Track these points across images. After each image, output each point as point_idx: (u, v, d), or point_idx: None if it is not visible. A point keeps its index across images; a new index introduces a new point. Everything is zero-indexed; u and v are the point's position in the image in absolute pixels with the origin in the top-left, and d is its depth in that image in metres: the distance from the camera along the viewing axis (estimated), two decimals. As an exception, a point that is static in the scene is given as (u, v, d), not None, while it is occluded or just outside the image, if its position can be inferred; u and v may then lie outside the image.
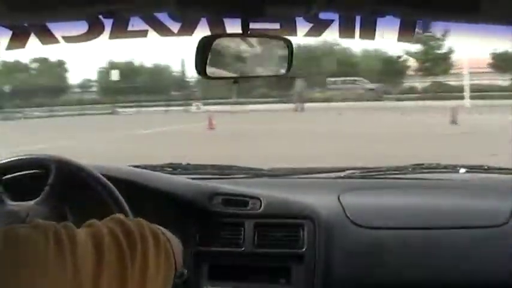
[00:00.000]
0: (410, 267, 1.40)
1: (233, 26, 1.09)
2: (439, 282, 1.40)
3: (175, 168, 1.68)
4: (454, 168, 1.74)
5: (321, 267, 1.36)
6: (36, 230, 0.57)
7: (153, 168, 1.59)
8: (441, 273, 1.39)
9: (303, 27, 1.19)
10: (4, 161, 1.24)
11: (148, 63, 25.36)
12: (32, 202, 1.16)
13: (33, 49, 1.18)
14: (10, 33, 1.15)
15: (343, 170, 1.76)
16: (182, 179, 1.48)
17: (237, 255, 1.37)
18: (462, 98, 17.24)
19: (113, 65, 22.81)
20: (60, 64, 23.44)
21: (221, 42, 1.05)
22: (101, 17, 1.09)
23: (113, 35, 1.15)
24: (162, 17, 1.14)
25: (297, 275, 1.36)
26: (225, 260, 1.38)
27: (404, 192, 1.60)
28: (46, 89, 22.18)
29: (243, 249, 1.37)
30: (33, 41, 1.16)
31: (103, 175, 1.20)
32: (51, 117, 18.68)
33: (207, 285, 1.36)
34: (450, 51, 20.19)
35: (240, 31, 1.04)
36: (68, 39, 1.17)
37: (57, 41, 1.17)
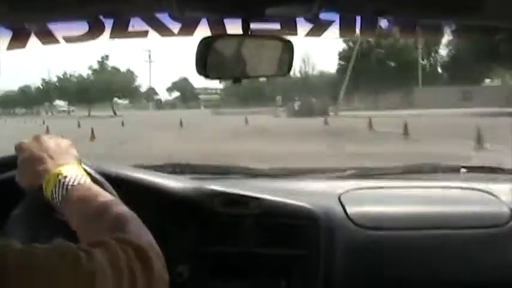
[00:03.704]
0: (412, 268, 1.40)
1: (234, 27, 1.09)
2: (441, 283, 1.40)
3: (175, 168, 1.68)
4: (455, 169, 1.74)
5: (322, 268, 1.36)
6: (55, 251, 0.58)
7: (153, 168, 1.58)
8: (442, 274, 1.38)
9: (303, 27, 1.19)
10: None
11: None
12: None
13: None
14: (11, 33, 1.16)
15: (344, 170, 1.76)
16: (182, 179, 1.48)
17: (237, 256, 1.37)
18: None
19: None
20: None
21: (222, 43, 1.05)
22: (101, 17, 1.09)
23: (113, 36, 1.15)
24: (163, 17, 1.14)
25: (297, 276, 1.36)
26: (225, 260, 1.38)
27: (406, 193, 1.59)
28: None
29: (243, 250, 1.36)
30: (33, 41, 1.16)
31: (102, 175, 1.19)
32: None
33: (207, 286, 1.36)
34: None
35: (240, 31, 1.04)
36: (69, 39, 1.18)
37: (57, 41, 1.17)
